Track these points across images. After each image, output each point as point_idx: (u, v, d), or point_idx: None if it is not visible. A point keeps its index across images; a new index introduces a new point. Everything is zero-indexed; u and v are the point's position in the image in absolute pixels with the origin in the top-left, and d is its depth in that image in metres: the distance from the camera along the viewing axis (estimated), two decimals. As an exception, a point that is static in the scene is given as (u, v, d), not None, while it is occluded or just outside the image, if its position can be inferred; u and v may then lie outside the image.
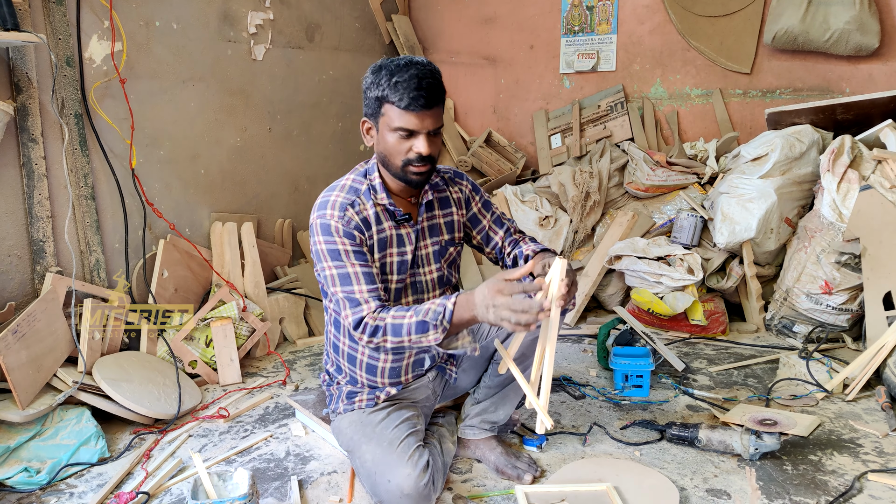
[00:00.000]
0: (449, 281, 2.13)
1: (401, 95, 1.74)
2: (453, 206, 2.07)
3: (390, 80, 1.75)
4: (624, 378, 2.67)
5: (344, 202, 1.87)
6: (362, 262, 1.85)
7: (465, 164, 4.43)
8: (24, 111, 2.45)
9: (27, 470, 2.12)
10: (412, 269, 2.00)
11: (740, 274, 3.36)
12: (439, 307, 1.71)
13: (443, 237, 2.05)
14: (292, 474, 2.16)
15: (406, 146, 1.80)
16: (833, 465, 2.08)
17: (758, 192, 3.27)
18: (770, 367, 2.90)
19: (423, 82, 1.74)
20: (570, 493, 1.93)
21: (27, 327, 2.30)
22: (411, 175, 1.84)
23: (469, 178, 2.13)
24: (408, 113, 1.75)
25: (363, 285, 1.83)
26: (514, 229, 2.17)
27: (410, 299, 2.02)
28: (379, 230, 1.91)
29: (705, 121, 4.12)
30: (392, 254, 1.95)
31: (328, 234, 1.84)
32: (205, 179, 3.28)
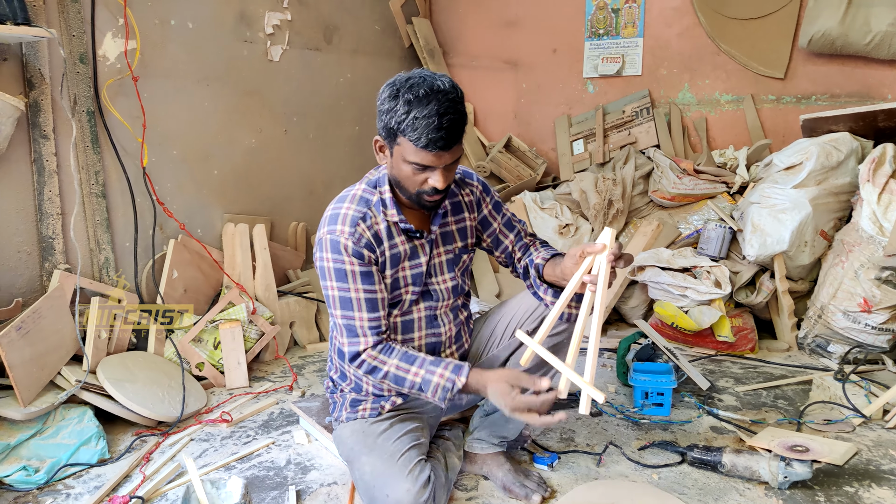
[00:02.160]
0: (462, 289, 2.04)
1: (419, 135, 1.59)
2: (465, 211, 1.97)
3: (408, 115, 1.59)
4: (644, 395, 2.54)
5: (355, 216, 1.77)
6: (368, 285, 1.77)
7: (484, 169, 4.34)
8: (37, 107, 2.43)
9: (26, 469, 2.08)
10: (426, 279, 1.91)
11: (771, 289, 3.21)
12: (448, 382, 1.72)
13: (456, 245, 1.96)
14: (291, 484, 2.08)
15: (421, 178, 1.68)
16: (871, 497, 1.93)
17: (791, 202, 3.12)
18: (802, 389, 2.75)
19: (443, 120, 1.58)
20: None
21: (32, 324, 2.26)
22: (424, 202, 1.74)
23: (479, 177, 2.02)
24: (424, 151, 1.61)
25: (364, 313, 1.77)
26: (525, 233, 2.07)
27: (423, 308, 1.92)
28: (391, 245, 1.81)
29: (736, 128, 3.98)
30: (405, 267, 1.86)
31: (337, 252, 1.74)
32: (218, 180, 3.24)
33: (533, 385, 1.66)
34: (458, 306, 2.04)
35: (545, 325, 1.69)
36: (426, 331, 1.96)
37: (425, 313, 1.94)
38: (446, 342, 2.02)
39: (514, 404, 1.64)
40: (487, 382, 1.70)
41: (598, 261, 1.61)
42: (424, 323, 1.95)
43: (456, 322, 2.04)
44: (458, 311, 2.06)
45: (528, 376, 1.68)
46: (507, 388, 1.66)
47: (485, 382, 1.71)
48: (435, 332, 1.97)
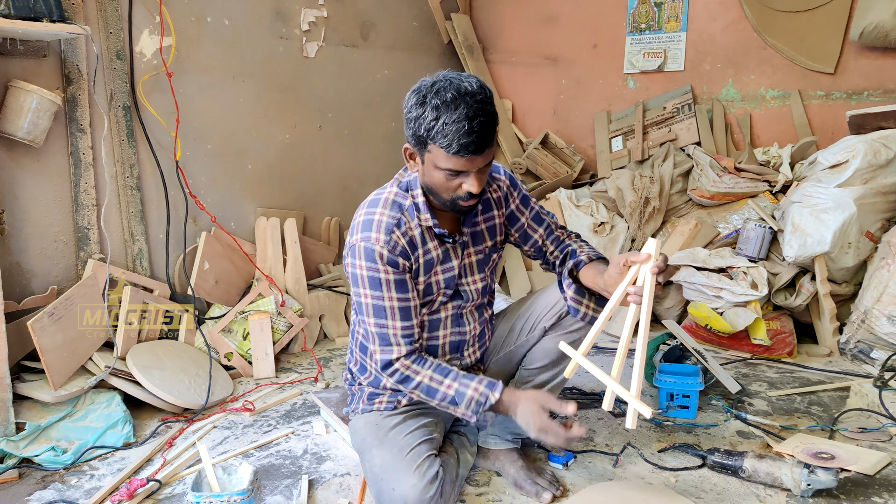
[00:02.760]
0: (490, 288, 2.03)
1: (449, 141, 1.55)
2: (494, 209, 1.94)
3: (437, 121, 1.56)
4: (669, 397, 2.48)
5: (390, 223, 1.74)
6: (402, 294, 1.76)
7: (520, 166, 4.30)
8: (74, 102, 2.52)
9: (54, 449, 2.16)
10: (457, 281, 1.89)
11: (811, 291, 3.08)
12: (482, 397, 1.73)
13: (486, 244, 1.94)
14: (304, 473, 2.10)
15: (455, 184, 1.65)
16: (898, 508, 1.84)
17: (834, 202, 2.99)
18: (840, 396, 2.63)
19: (473, 124, 1.54)
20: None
21: (64, 311, 2.35)
22: (459, 207, 1.72)
23: (506, 170, 1.97)
24: (456, 157, 1.58)
25: (398, 321, 1.77)
26: (556, 226, 2.02)
27: (450, 307, 1.91)
28: (425, 251, 1.80)
29: (781, 124, 3.83)
30: (437, 272, 1.85)
31: (371, 261, 1.72)
32: (252, 174, 3.30)
33: (560, 409, 1.68)
34: (483, 305, 2.03)
35: (588, 337, 1.68)
36: (451, 329, 1.95)
37: (452, 312, 1.93)
38: (470, 340, 2.01)
39: (542, 425, 1.67)
40: (519, 401, 1.72)
41: (643, 271, 1.58)
42: (450, 322, 1.94)
43: (480, 321, 2.03)
44: (484, 309, 2.04)
45: (556, 400, 1.70)
46: (537, 409, 1.69)
47: (516, 401, 1.72)
48: (460, 331, 1.96)
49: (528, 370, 2.04)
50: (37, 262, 2.49)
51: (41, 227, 2.49)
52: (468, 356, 2.02)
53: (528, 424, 1.69)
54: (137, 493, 1.93)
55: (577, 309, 1.91)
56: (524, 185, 2.00)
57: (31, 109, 2.25)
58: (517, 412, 1.72)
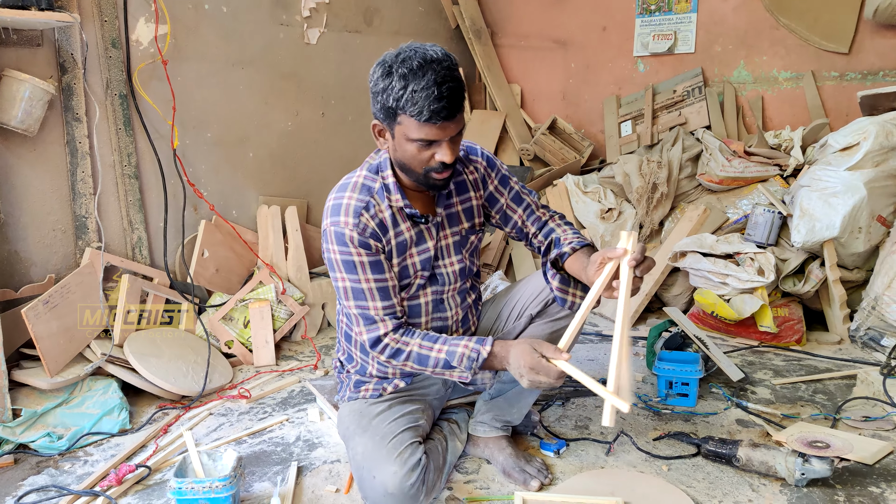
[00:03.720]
0: (471, 271, 1.99)
1: (419, 108, 1.52)
2: (470, 190, 1.90)
3: (405, 89, 1.53)
4: (668, 385, 2.43)
5: (358, 206, 1.72)
6: (378, 274, 1.74)
7: (528, 152, 4.25)
8: (70, 91, 2.53)
9: (49, 435, 2.19)
10: (433, 262, 1.87)
11: (820, 277, 3.00)
12: (473, 352, 1.70)
13: (462, 226, 1.90)
14: (294, 460, 2.10)
15: (427, 155, 1.62)
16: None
17: (844, 185, 2.90)
18: (846, 384, 2.56)
19: (443, 89, 1.51)
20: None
21: (59, 298, 2.37)
22: (434, 181, 1.69)
23: (485, 152, 1.94)
24: (428, 125, 1.55)
25: (378, 301, 1.75)
26: (537, 205, 1.97)
27: (429, 293, 1.89)
28: (397, 233, 1.77)
29: (794, 107, 3.73)
30: (413, 254, 1.82)
31: (343, 244, 1.71)
32: (253, 163, 3.30)
33: (553, 353, 1.62)
34: (465, 289, 2.00)
35: (567, 333, 1.64)
36: (432, 315, 1.92)
37: (432, 297, 1.90)
38: (453, 326, 1.98)
39: (532, 363, 1.61)
40: (511, 347, 1.68)
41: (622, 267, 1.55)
42: (431, 307, 1.91)
43: (463, 306, 2.00)
44: (466, 294, 2.01)
45: (549, 344, 1.65)
46: (529, 349, 1.63)
47: (508, 348, 1.68)
48: (441, 317, 1.94)
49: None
50: (35, 250, 2.51)
51: (39, 216, 2.51)
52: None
53: (519, 367, 1.64)
54: (126, 479, 1.94)
55: (564, 299, 1.88)
56: (504, 165, 1.95)
57: (25, 98, 2.27)
58: (510, 359, 1.67)
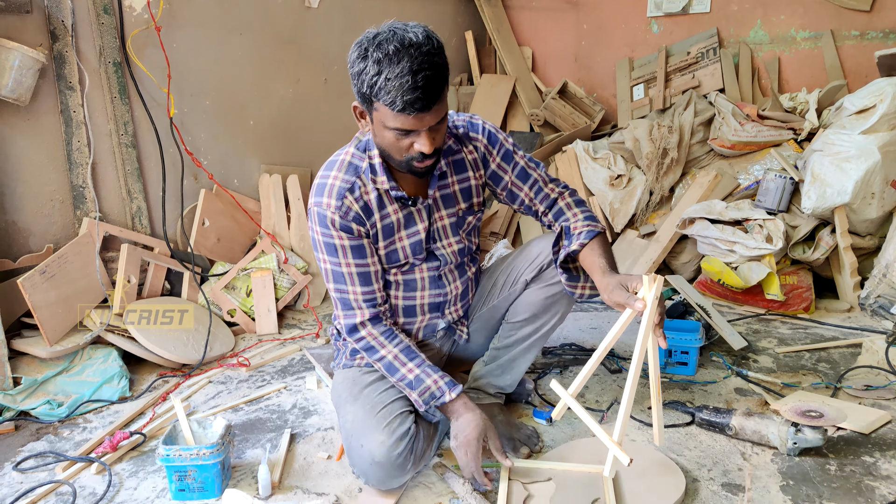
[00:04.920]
0: (470, 249, 1.96)
1: (393, 98, 1.44)
2: (469, 170, 1.83)
3: (379, 76, 1.44)
4: (667, 354, 2.40)
5: (342, 187, 1.68)
6: (359, 259, 1.72)
7: (537, 117, 4.17)
8: (62, 59, 2.51)
9: (50, 403, 2.23)
10: (428, 244, 1.83)
11: (830, 245, 2.92)
12: (439, 391, 1.71)
13: (459, 206, 1.85)
14: (289, 427, 2.11)
15: (406, 143, 1.55)
16: (890, 469, 1.73)
17: (857, 149, 2.80)
18: (851, 353, 2.50)
19: (418, 78, 1.43)
20: (559, 473, 1.74)
21: (57, 268, 2.39)
22: (415, 169, 1.62)
23: (486, 126, 1.84)
24: (403, 115, 1.47)
25: (357, 287, 1.74)
26: (546, 180, 1.88)
27: (425, 269, 1.87)
28: (383, 216, 1.73)
29: (812, 68, 3.60)
30: (402, 237, 1.78)
31: (324, 226, 1.69)
32: (254, 131, 3.27)
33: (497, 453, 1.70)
34: (463, 263, 1.97)
35: (579, 378, 1.64)
36: (430, 290, 1.91)
37: (428, 273, 1.88)
38: (451, 300, 1.97)
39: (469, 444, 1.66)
40: (469, 412, 1.70)
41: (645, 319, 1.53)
42: (428, 283, 1.90)
43: (463, 279, 1.98)
44: (466, 267, 1.99)
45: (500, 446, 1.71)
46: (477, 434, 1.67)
47: (468, 411, 1.70)
48: (440, 293, 1.93)
49: (511, 324, 1.99)
50: (33, 220, 2.53)
51: (35, 187, 2.52)
52: (449, 314, 1.99)
53: (458, 433, 1.68)
54: (121, 446, 1.97)
55: (573, 291, 1.86)
56: (508, 139, 1.86)
57: (14, 67, 2.25)
58: (459, 420, 1.70)
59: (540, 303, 1.92)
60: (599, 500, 1.61)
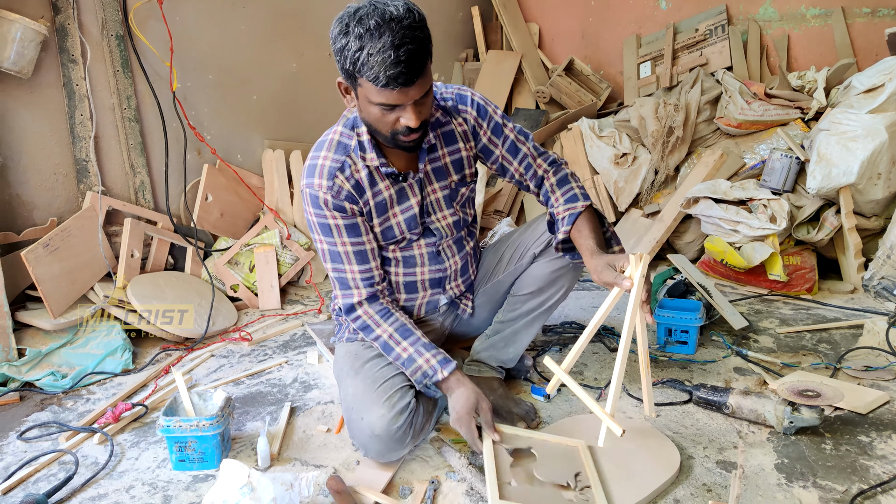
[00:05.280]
0: (465, 222, 1.97)
1: (376, 74, 1.43)
2: (459, 141, 1.83)
3: (361, 51, 1.42)
4: (667, 333, 2.40)
5: (332, 167, 1.68)
6: (354, 238, 1.74)
7: (543, 95, 4.13)
8: (64, 31, 2.51)
9: (54, 374, 2.25)
10: (422, 219, 1.84)
11: (835, 225, 2.90)
12: (431, 370, 1.72)
13: (451, 178, 1.85)
14: (289, 401, 2.13)
15: (392, 118, 1.54)
16: (886, 449, 1.74)
17: (864, 129, 2.77)
18: (853, 334, 2.49)
19: (400, 52, 1.41)
20: (538, 442, 1.73)
21: (60, 241, 2.41)
22: (402, 143, 1.61)
23: (475, 99, 1.83)
24: (387, 90, 1.46)
25: (354, 266, 1.75)
26: (534, 155, 1.88)
27: (423, 245, 1.87)
28: (375, 193, 1.74)
29: (821, 46, 3.55)
30: (395, 213, 1.79)
31: (317, 207, 1.70)
32: (257, 105, 3.26)
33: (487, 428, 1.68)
34: (461, 238, 1.97)
35: (572, 353, 1.66)
36: (429, 266, 1.92)
37: (427, 249, 1.89)
38: (451, 276, 1.97)
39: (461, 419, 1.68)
40: (462, 387, 1.71)
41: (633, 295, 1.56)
42: (427, 259, 1.90)
43: (462, 254, 1.98)
44: (464, 241, 1.99)
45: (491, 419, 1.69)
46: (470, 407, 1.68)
47: (460, 386, 1.71)
48: (440, 268, 1.93)
49: (516, 297, 2.00)
50: (37, 193, 2.54)
51: (39, 160, 2.53)
52: (451, 289, 1.99)
53: (454, 409, 1.70)
54: (124, 417, 2.00)
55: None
56: (498, 110, 1.85)
57: (16, 39, 2.25)
58: (452, 396, 1.71)
59: (546, 276, 1.94)
60: (581, 473, 1.62)
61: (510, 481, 1.58)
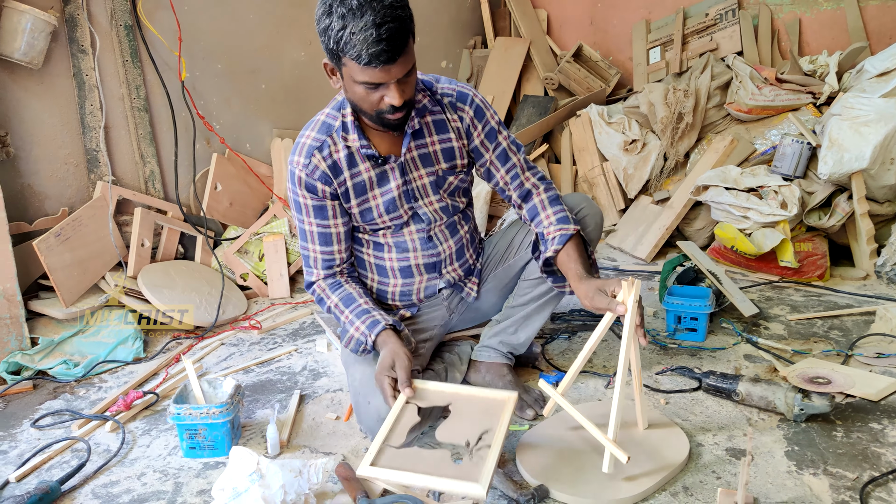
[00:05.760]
0: (456, 209, 1.96)
1: (358, 52, 1.45)
2: (451, 132, 1.83)
3: (344, 30, 1.45)
4: (676, 320, 2.39)
5: (312, 146, 1.72)
6: (320, 220, 1.79)
7: (552, 81, 4.11)
8: (73, 22, 2.51)
9: (66, 363, 2.28)
10: (409, 203, 1.84)
11: (847, 211, 2.87)
12: (362, 336, 1.74)
13: (439, 166, 1.84)
14: (298, 389, 2.15)
15: (376, 97, 1.56)
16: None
17: (877, 113, 2.74)
18: (865, 321, 2.47)
19: (382, 31, 1.43)
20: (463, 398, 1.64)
21: (71, 231, 2.43)
22: (388, 122, 1.63)
23: (475, 100, 1.83)
24: (370, 68, 1.49)
25: (317, 246, 1.82)
26: (523, 167, 1.90)
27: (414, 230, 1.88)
28: (353, 174, 1.75)
29: (834, 30, 3.50)
30: (375, 196, 1.80)
31: (293, 184, 1.77)
32: (266, 94, 3.26)
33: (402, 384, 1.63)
34: (454, 222, 1.97)
35: (567, 378, 1.68)
36: (422, 251, 1.92)
37: (418, 235, 1.89)
38: (446, 260, 1.97)
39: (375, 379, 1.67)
40: (383, 347, 1.71)
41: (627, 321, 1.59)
42: (419, 244, 1.91)
43: (456, 238, 1.98)
44: (457, 226, 1.98)
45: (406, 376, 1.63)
46: (384, 365, 1.66)
47: (382, 345, 1.71)
48: (433, 252, 1.94)
49: (528, 281, 2.00)
50: (49, 183, 2.56)
51: (50, 150, 2.54)
52: (447, 273, 1.99)
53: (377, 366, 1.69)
54: (135, 405, 2.02)
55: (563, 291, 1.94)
56: (495, 116, 1.86)
57: (27, 30, 2.26)
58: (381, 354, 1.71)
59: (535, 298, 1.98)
60: (489, 431, 1.50)
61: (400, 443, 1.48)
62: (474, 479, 1.37)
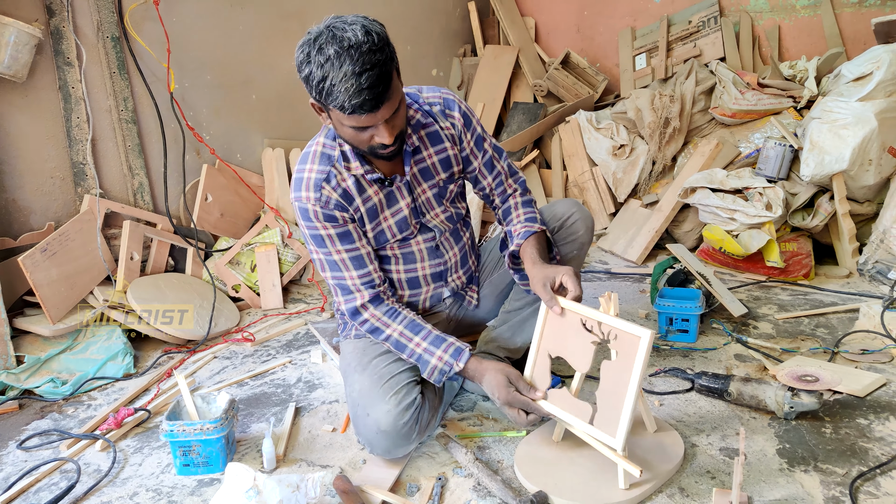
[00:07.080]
0: (459, 215, 1.98)
1: (341, 102, 1.44)
2: (446, 141, 1.84)
3: (325, 81, 1.43)
4: (668, 322, 2.41)
5: (318, 179, 1.69)
6: (348, 245, 1.75)
7: (541, 88, 4.14)
8: (59, 34, 2.50)
9: (54, 381, 2.25)
10: (417, 219, 1.85)
11: (829, 211, 2.92)
12: (446, 366, 1.72)
13: (439, 177, 1.86)
14: (293, 401, 2.14)
15: (366, 136, 1.55)
16: (883, 431, 1.76)
17: (854, 116, 2.79)
18: (849, 318, 2.51)
19: (362, 80, 1.41)
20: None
21: (58, 246, 2.40)
22: (382, 155, 1.62)
23: (461, 106, 1.85)
24: (355, 115, 1.47)
25: (353, 271, 1.77)
26: (506, 174, 1.94)
27: (421, 241, 1.88)
28: (365, 199, 1.75)
29: (811, 36, 3.56)
30: (386, 217, 1.80)
31: (308, 220, 1.71)
32: (257, 105, 3.26)
33: (528, 391, 1.68)
34: (457, 229, 1.99)
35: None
36: (429, 261, 1.93)
37: (425, 245, 1.90)
38: (452, 268, 1.99)
39: (509, 399, 1.67)
40: (486, 372, 1.71)
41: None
42: (427, 254, 1.92)
43: (460, 246, 1.99)
44: (460, 233, 2.00)
45: (524, 380, 1.70)
46: (504, 381, 1.69)
47: (483, 371, 1.71)
48: (440, 262, 1.95)
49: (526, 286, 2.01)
50: (34, 198, 2.53)
51: (36, 164, 2.52)
52: (452, 282, 2.01)
53: (493, 395, 1.70)
54: (126, 422, 1.99)
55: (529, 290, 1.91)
56: (480, 124, 1.89)
57: (10, 43, 2.24)
58: (483, 381, 1.72)
59: None
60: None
61: None
62: (611, 432, 1.54)
